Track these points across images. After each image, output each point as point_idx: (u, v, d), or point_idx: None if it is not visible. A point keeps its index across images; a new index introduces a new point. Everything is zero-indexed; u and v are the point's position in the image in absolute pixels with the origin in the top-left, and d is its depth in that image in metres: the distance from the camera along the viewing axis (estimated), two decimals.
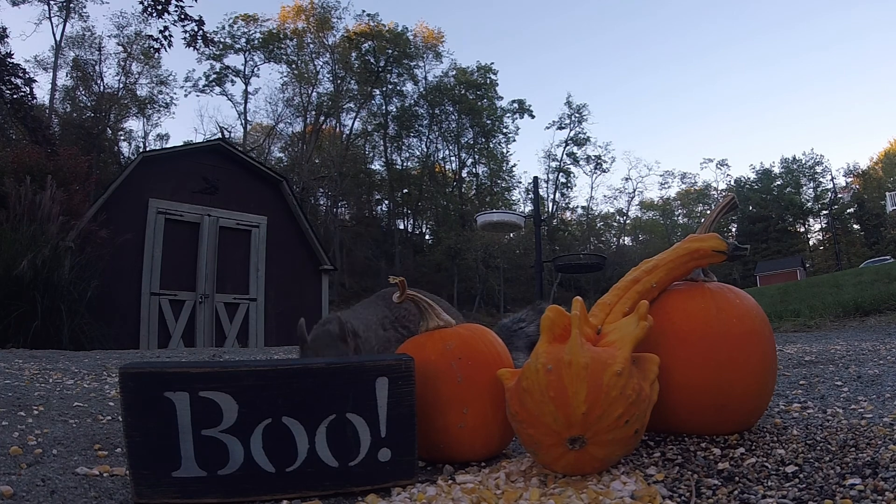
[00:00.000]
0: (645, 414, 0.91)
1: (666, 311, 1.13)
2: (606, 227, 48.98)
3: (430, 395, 1.04)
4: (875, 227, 40.92)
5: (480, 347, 1.11)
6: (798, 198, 45.52)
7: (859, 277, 8.02)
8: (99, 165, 25.85)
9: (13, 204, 6.27)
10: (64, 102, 32.55)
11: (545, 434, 0.89)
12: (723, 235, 1.18)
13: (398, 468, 0.93)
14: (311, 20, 39.51)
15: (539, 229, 5.05)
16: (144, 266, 8.75)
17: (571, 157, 45.31)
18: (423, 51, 42.55)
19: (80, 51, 32.82)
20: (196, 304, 9.14)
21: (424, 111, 42.49)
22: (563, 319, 0.98)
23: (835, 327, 4.99)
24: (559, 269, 5.61)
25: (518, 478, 0.94)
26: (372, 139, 42.40)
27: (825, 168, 46.57)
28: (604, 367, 0.87)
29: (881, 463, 0.84)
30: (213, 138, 20.53)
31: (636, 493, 0.82)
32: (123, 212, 8.63)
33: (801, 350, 2.85)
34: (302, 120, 39.70)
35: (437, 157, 43.29)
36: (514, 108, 44.11)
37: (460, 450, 1.06)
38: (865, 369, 1.96)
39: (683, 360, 1.07)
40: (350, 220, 39.76)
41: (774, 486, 0.81)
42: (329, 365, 0.92)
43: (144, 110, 36.50)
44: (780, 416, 1.29)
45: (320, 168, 37.71)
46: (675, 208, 50.26)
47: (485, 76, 43.03)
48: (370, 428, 0.92)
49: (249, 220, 10.00)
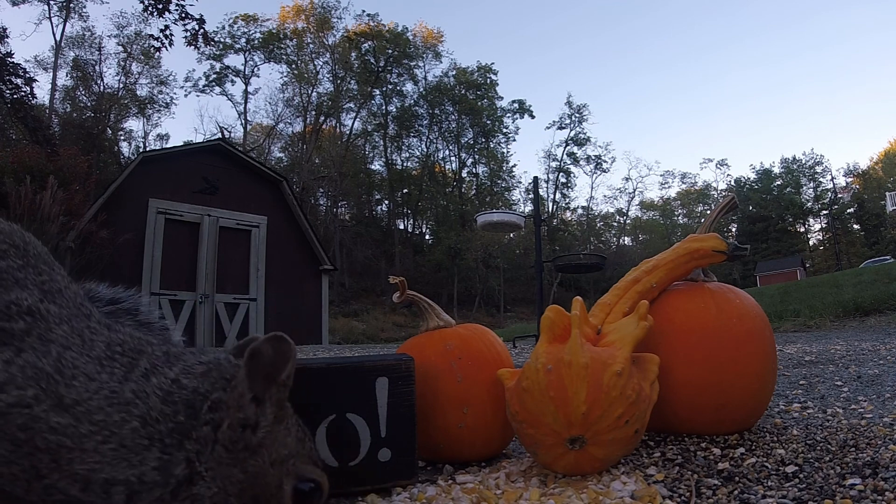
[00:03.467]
0: (645, 414, 0.91)
1: (666, 311, 1.13)
2: (606, 227, 49.01)
3: (430, 395, 1.04)
4: (875, 227, 40.92)
5: (480, 347, 1.11)
6: (798, 198, 45.52)
7: (859, 277, 8.02)
8: (99, 165, 25.84)
9: (13, 204, 6.28)
10: (64, 102, 32.57)
11: (545, 434, 0.89)
12: (723, 235, 1.18)
13: (398, 468, 0.93)
14: (310, 20, 39.54)
15: (539, 229, 5.05)
16: (144, 266, 8.76)
17: (571, 157, 45.36)
18: (423, 51, 42.58)
19: (80, 51, 32.84)
20: (196, 304, 9.15)
21: (424, 111, 42.51)
22: (563, 319, 0.98)
23: (835, 327, 4.99)
24: (559, 269, 5.61)
25: (518, 478, 0.94)
26: (372, 139, 42.44)
27: (825, 168, 46.63)
28: (604, 367, 0.87)
29: (881, 463, 0.84)
30: (213, 138, 20.52)
31: (636, 493, 0.82)
32: (123, 212, 8.63)
33: (801, 350, 2.85)
34: (302, 120, 39.74)
35: (437, 157, 43.33)
36: (514, 108, 44.14)
37: (460, 450, 1.06)
38: (865, 369, 1.96)
39: (683, 360, 1.07)
40: (350, 220, 39.75)
41: (774, 486, 0.81)
42: (329, 365, 0.92)
43: (144, 110, 36.53)
44: (780, 416, 1.29)
45: (320, 168, 37.72)
46: (675, 208, 50.28)
47: (485, 76, 43.05)
48: (370, 428, 0.92)
49: (249, 220, 10.01)
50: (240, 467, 0.59)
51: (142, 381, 0.59)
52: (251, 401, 0.61)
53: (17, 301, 0.63)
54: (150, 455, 0.55)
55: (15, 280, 0.66)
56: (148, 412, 0.57)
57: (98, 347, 0.62)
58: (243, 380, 0.61)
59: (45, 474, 0.53)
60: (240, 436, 0.60)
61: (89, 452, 0.54)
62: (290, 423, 0.65)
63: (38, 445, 0.53)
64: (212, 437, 0.58)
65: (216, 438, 0.58)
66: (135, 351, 0.64)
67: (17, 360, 0.57)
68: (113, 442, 0.55)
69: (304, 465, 0.65)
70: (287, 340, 0.62)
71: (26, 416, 0.54)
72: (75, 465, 0.54)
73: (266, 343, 0.62)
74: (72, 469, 0.54)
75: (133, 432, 0.56)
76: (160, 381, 0.60)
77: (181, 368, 0.63)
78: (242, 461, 0.59)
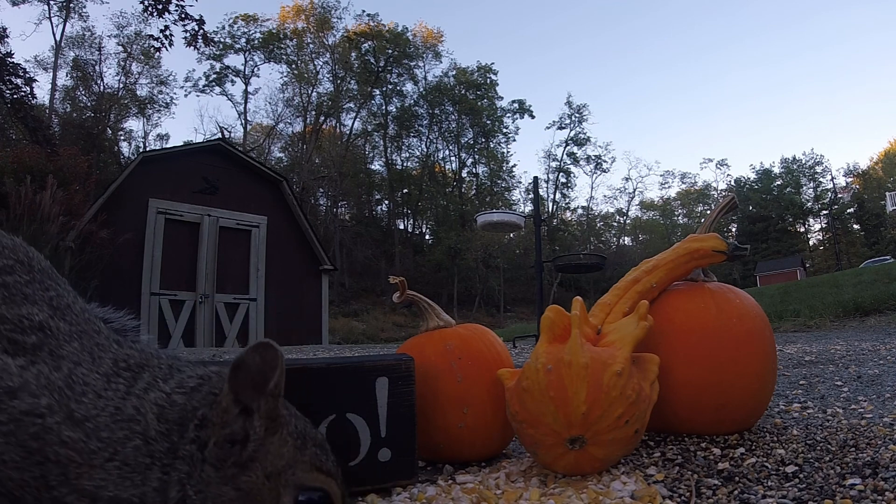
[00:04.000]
0: (645, 414, 0.91)
1: (666, 311, 1.13)
2: (606, 227, 49.03)
3: (430, 395, 1.04)
4: (875, 227, 40.92)
5: (480, 347, 1.11)
6: (798, 198, 45.54)
7: (859, 277, 8.02)
8: (99, 165, 25.84)
9: (13, 204, 6.28)
10: (64, 102, 32.58)
11: (545, 434, 0.89)
12: (723, 235, 1.18)
13: (398, 468, 0.93)
14: (310, 20, 39.55)
15: (539, 229, 5.05)
16: (144, 266, 8.76)
17: (571, 157, 45.38)
18: (423, 51, 42.59)
19: (80, 51, 32.85)
20: (196, 304, 9.15)
21: (424, 111, 42.52)
22: (563, 319, 0.98)
23: (835, 327, 4.99)
24: (559, 269, 5.61)
25: (518, 478, 0.94)
26: (372, 139, 42.46)
27: (825, 168, 46.65)
28: (604, 367, 0.87)
29: (881, 463, 0.84)
30: (213, 138, 20.54)
31: (636, 493, 0.82)
32: (123, 212, 8.63)
33: (801, 350, 2.85)
34: (302, 120, 39.75)
35: (437, 157, 43.34)
36: (514, 108, 44.15)
37: (460, 450, 1.06)
38: (865, 369, 1.96)
39: (683, 360, 1.07)
40: (350, 220, 39.76)
41: (774, 486, 0.81)
42: (329, 365, 0.92)
43: (144, 110, 36.53)
44: (780, 416, 1.29)
45: (320, 168, 37.72)
46: (675, 208, 50.30)
47: (485, 76, 43.06)
48: (370, 428, 0.92)
49: (249, 220, 10.01)
50: (231, 485, 0.56)
51: (142, 396, 0.59)
52: (238, 414, 0.58)
53: (28, 316, 0.62)
54: (152, 475, 0.55)
55: (24, 296, 0.65)
56: (147, 429, 0.56)
57: (105, 364, 0.62)
58: (227, 394, 0.58)
59: (55, 486, 0.53)
60: (228, 452, 0.57)
61: (97, 469, 0.54)
62: (285, 431, 0.62)
63: (49, 456, 0.53)
64: (199, 457, 0.56)
65: (203, 457, 0.56)
66: (139, 365, 0.63)
67: (31, 369, 0.57)
68: (118, 460, 0.54)
69: (306, 474, 0.61)
70: (274, 347, 0.59)
71: (39, 425, 0.54)
72: (84, 481, 0.53)
73: (251, 352, 0.58)
74: (80, 484, 0.53)
75: (136, 450, 0.55)
76: (157, 396, 0.59)
77: (176, 383, 0.61)
78: (233, 478, 0.57)
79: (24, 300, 0.64)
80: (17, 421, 0.53)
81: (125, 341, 0.68)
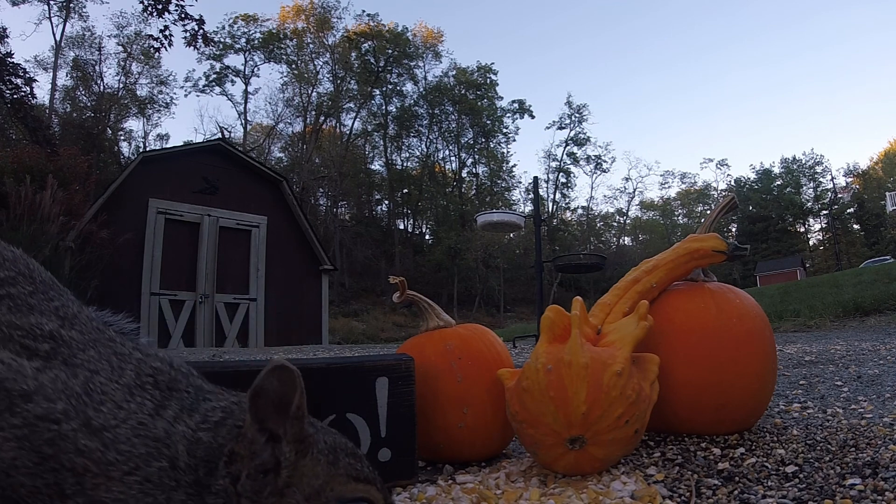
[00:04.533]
0: (645, 414, 0.91)
1: (666, 311, 1.13)
2: (606, 227, 49.04)
3: (430, 395, 1.04)
4: (875, 227, 40.93)
5: (480, 347, 1.11)
6: (798, 198, 45.54)
7: (859, 277, 8.02)
8: (99, 165, 25.83)
9: (13, 204, 6.28)
10: (64, 102, 32.60)
11: (545, 434, 0.89)
12: (723, 235, 1.18)
13: (398, 468, 0.93)
14: (310, 20, 39.58)
15: (539, 229, 5.05)
16: (144, 266, 8.76)
17: (571, 157, 45.39)
18: (423, 51, 42.63)
19: (80, 51, 32.88)
20: (196, 304, 9.15)
21: (424, 111, 42.54)
22: (563, 319, 0.98)
23: (835, 327, 4.99)
24: (559, 269, 5.61)
25: (518, 478, 0.94)
26: (372, 139, 42.48)
27: (825, 168, 46.67)
28: (604, 367, 0.87)
29: (881, 463, 0.84)
30: (213, 138, 20.53)
31: (636, 493, 0.82)
32: (123, 212, 8.63)
33: (801, 350, 2.85)
34: (302, 120, 39.77)
35: (437, 157, 43.36)
36: (514, 108, 44.18)
37: (460, 450, 1.06)
38: (865, 369, 1.96)
39: (683, 360, 1.07)
40: (350, 220, 39.76)
41: (774, 486, 0.81)
42: (329, 365, 0.92)
43: (144, 110, 36.56)
44: (780, 416, 1.29)
45: (320, 168, 37.73)
46: (675, 208, 50.31)
47: (485, 76, 43.08)
48: (370, 428, 0.92)
49: (249, 220, 10.01)
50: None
51: (173, 423, 0.57)
52: (266, 443, 0.57)
53: (37, 325, 0.61)
54: (177, 497, 0.53)
55: (30, 306, 0.64)
56: (176, 456, 0.55)
57: (127, 375, 0.60)
58: (251, 424, 0.57)
59: (70, 495, 0.51)
60: (263, 483, 0.56)
61: (115, 482, 0.52)
62: (315, 450, 0.60)
63: (63, 464, 0.51)
64: (233, 490, 0.55)
65: (237, 491, 0.55)
66: (168, 387, 0.61)
67: (47, 373, 0.55)
68: (139, 475, 0.53)
69: (344, 486, 0.60)
70: (289, 368, 0.57)
71: (54, 432, 0.52)
72: (101, 493, 0.52)
73: (268, 376, 0.56)
74: (98, 496, 0.51)
75: (161, 471, 0.54)
76: (185, 430, 0.58)
77: (200, 418, 0.60)
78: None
79: (30, 310, 0.63)
80: (31, 425, 0.52)
81: (151, 351, 0.67)
